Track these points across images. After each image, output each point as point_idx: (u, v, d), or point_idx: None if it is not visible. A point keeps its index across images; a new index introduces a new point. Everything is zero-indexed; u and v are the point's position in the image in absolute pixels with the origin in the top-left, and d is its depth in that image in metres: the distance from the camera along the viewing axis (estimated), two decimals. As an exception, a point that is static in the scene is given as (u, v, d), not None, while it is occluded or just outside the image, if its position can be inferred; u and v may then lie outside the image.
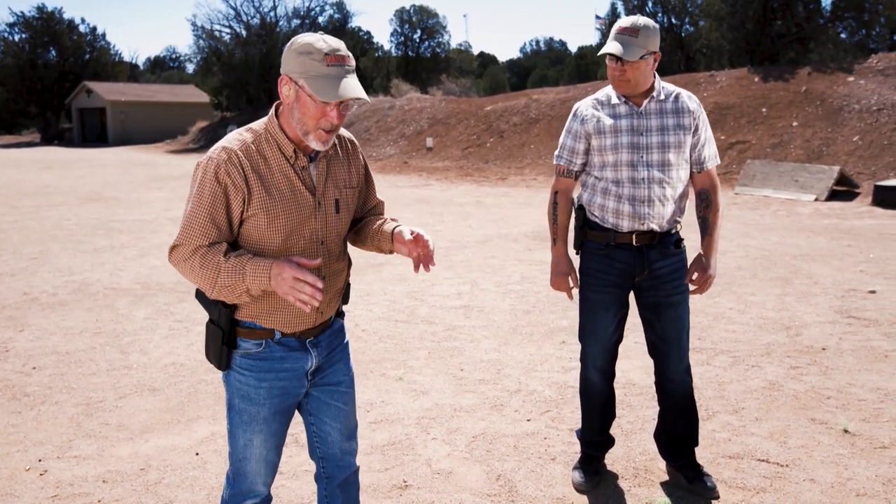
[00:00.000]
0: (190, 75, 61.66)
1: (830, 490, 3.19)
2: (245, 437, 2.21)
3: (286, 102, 2.05)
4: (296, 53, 1.99)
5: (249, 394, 2.17)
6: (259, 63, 40.08)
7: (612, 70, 2.96)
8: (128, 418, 4.11)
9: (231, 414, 2.22)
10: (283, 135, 2.08)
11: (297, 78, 1.99)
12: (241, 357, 2.16)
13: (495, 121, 22.49)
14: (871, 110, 14.65)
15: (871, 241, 9.10)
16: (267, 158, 2.08)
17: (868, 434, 3.74)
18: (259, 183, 2.04)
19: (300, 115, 2.02)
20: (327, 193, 2.16)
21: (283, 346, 2.17)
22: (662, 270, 3.07)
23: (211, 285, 2.01)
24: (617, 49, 2.87)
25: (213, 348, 2.16)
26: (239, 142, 2.08)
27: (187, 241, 2.02)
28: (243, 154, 2.05)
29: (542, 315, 6.10)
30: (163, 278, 7.65)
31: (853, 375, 4.57)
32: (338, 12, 43.71)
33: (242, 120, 37.35)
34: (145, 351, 5.27)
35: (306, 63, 1.97)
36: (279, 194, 2.07)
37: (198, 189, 2.04)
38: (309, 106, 1.99)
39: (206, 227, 2.02)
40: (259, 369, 2.16)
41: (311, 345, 2.22)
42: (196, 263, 2.01)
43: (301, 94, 1.99)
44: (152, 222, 11.87)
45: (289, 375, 2.19)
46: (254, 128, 2.13)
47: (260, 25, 41.41)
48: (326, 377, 2.29)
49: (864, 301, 6.27)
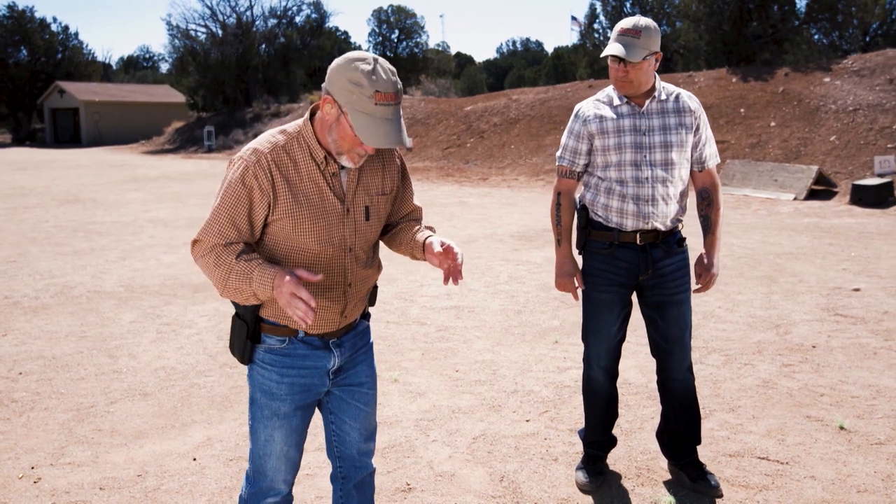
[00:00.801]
0: (164, 75, 60.99)
1: (832, 487, 3.21)
2: (266, 433, 2.20)
3: (325, 119, 2.02)
4: (346, 81, 1.92)
5: (271, 388, 2.17)
6: (235, 63, 39.75)
7: (616, 71, 2.96)
8: (120, 424, 4.04)
9: (253, 409, 2.22)
10: (315, 141, 2.06)
11: (343, 105, 1.95)
12: (265, 352, 2.17)
13: (475, 121, 22.50)
14: (847, 110, 14.87)
15: (852, 240, 9.22)
16: (297, 163, 2.06)
17: (864, 431, 3.78)
18: (286, 188, 2.03)
19: (337, 138, 2.01)
20: (357, 200, 2.14)
21: (307, 344, 2.17)
22: (666, 269, 3.08)
23: (222, 285, 2.02)
24: (619, 51, 2.88)
25: (238, 342, 2.17)
26: (270, 144, 2.06)
27: (206, 238, 2.03)
28: (273, 157, 2.04)
29: (534, 315, 6.10)
30: (147, 281, 7.54)
31: (844, 373, 4.62)
32: (315, 12, 43.44)
33: (219, 120, 37.01)
34: (134, 355, 5.19)
35: (354, 95, 1.92)
36: (306, 200, 2.06)
37: (224, 189, 2.05)
38: (347, 133, 1.97)
39: (225, 227, 2.02)
40: (282, 365, 2.16)
41: (335, 345, 2.21)
42: (211, 262, 2.02)
43: (342, 119, 1.97)
44: (131, 224, 11.71)
45: (310, 373, 2.19)
46: (287, 130, 2.11)
47: (236, 25, 41.03)
48: (349, 377, 2.28)
49: (850, 299, 6.35)
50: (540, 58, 71.71)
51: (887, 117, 14.13)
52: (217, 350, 5.26)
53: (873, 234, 9.61)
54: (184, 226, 11.46)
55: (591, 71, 28.00)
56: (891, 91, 14.77)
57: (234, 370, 4.84)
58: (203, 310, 6.39)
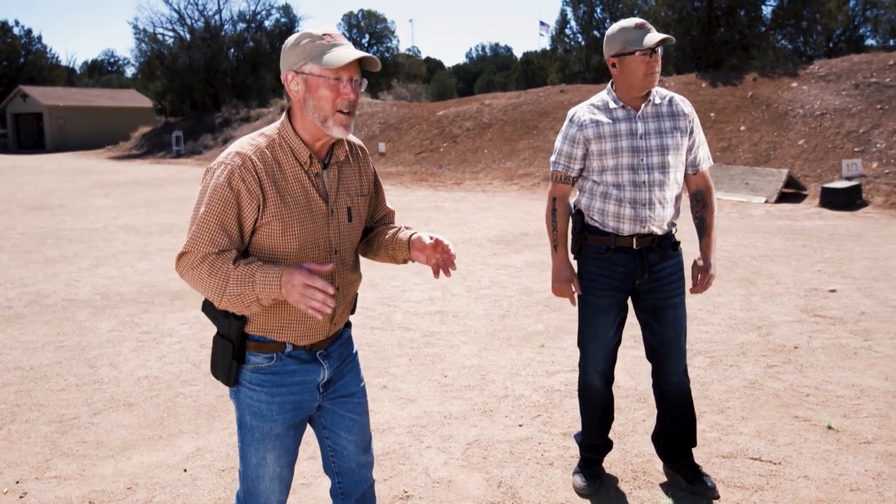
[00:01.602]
0: (130, 79, 60.15)
1: (825, 486, 3.25)
2: (258, 456, 2.13)
3: (297, 99, 2.00)
4: (293, 45, 1.99)
5: (261, 410, 2.09)
6: (204, 67, 39.34)
7: (647, 65, 2.88)
8: (105, 435, 3.95)
9: (242, 431, 2.15)
10: (297, 139, 2.03)
11: (302, 66, 1.96)
12: (251, 372, 2.09)
13: (448, 125, 22.52)
14: (814, 115, 15.15)
15: (824, 242, 9.39)
16: (281, 164, 2.02)
17: (851, 430, 3.84)
18: (274, 189, 1.98)
19: (315, 103, 1.97)
20: (340, 201, 2.11)
21: (295, 359, 2.10)
22: (662, 273, 3.10)
23: (219, 294, 1.93)
24: (661, 36, 2.84)
25: (222, 363, 2.08)
26: (253, 146, 2.02)
27: (196, 249, 1.94)
28: (258, 159, 1.99)
29: (518, 319, 6.11)
30: (123, 288, 7.41)
31: (828, 373, 4.68)
32: (284, 16, 43.17)
33: (187, 125, 36.58)
34: (115, 364, 5.08)
35: (307, 48, 1.96)
36: (294, 201, 2.01)
37: (209, 195, 1.96)
38: (322, 89, 1.95)
39: (216, 234, 1.94)
40: (271, 384, 2.09)
41: (322, 356, 2.15)
42: (204, 272, 1.93)
43: (311, 79, 1.96)
44: (102, 230, 11.50)
45: (301, 389, 2.13)
46: (266, 133, 2.07)
47: (204, 29, 40.62)
48: (338, 389, 2.23)
49: (827, 300, 6.46)
50: (509, 63, 72.07)
51: (853, 121, 14.43)
52: (200, 359, 5.17)
53: (844, 236, 9.80)
54: (157, 232, 11.29)
55: (563, 76, 28.21)
56: (856, 96, 15.08)
57: (220, 379, 4.76)
58: (183, 318, 6.29)
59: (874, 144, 13.59)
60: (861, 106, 14.71)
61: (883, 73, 15.33)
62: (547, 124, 19.97)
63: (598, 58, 26.80)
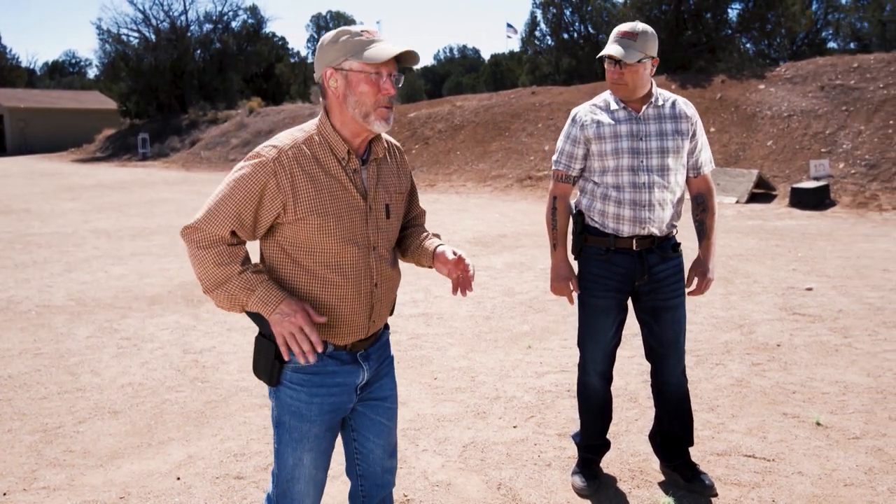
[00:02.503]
0: (92, 81, 59.12)
1: (819, 482, 3.30)
2: (295, 456, 2.11)
3: (336, 96, 2.00)
4: (332, 43, 1.99)
5: (301, 410, 2.09)
6: (170, 68, 38.81)
7: (611, 73, 2.99)
8: (92, 444, 3.86)
9: (280, 431, 2.13)
10: (336, 135, 2.03)
11: (342, 62, 1.97)
12: (292, 372, 2.08)
13: (419, 127, 22.49)
14: (782, 116, 15.43)
15: (796, 241, 9.56)
16: (319, 159, 2.01)
17: (839, 426, 3.90)
18: (310, 184, 1.98)
19: (356, 99, 1.97)
20: (378, 198, 2.11)
21: (336, 360, 2.10)
22: (661, 274, 3.12)
23: (213, 285, 1.95)
24: (617, 51, 2.90)
25: (264, 363, 2.07)
26: (291, 140, 2.02)
27: (206, 227, 1.95)
28: (294, 153, 1.99)
29: (503, 321, 6.11)
30: (98, 294, 7.26)
31: (811, 370, 4.76)
32: (252, 17, 42.77)
33: (153, 127, 36.05)
34: (96, 371, 4.97)
35: (347, 44, 1.97)
36: (331, 197, 2.00)
37: (235, 180, 1.97)
38: (363, 84, 1.96)
39: (230, 218, 1.95)
40: (311, 384, 2.08)
41: (363, 358, 2.15)
42: (210, 259, 1.94)
43: (351, 76, 1.97)
44: (73, 235, 11.28)
45: (340, 391, 2.12)
46: (305, 128, 2.07)
47: (170, 30, 40.08)
48: (374, 392, 2.22)
49: (804, 298, 6.57)
50: (477, 65, 72.24)
51: (820, 123, 14.72)
52: (185, 364, 5.09)
53: (815, 236, 9.98)
54: (128, 236, 11.10)
55: (533, 78, 28.35)
56: (822, 98, 15.39)
57: (207, 384, 4.69)
58: (163, 323, 6.19)
59: (840, 145, 13.88)
60: (827, 107, 15.02)
61: (847, 75, 15.67)
62: (519, 126, 20.05)
63: (568, 60, 27.01)
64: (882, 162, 13.01)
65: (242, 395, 4.52)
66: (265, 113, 31.33)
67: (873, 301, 6.38)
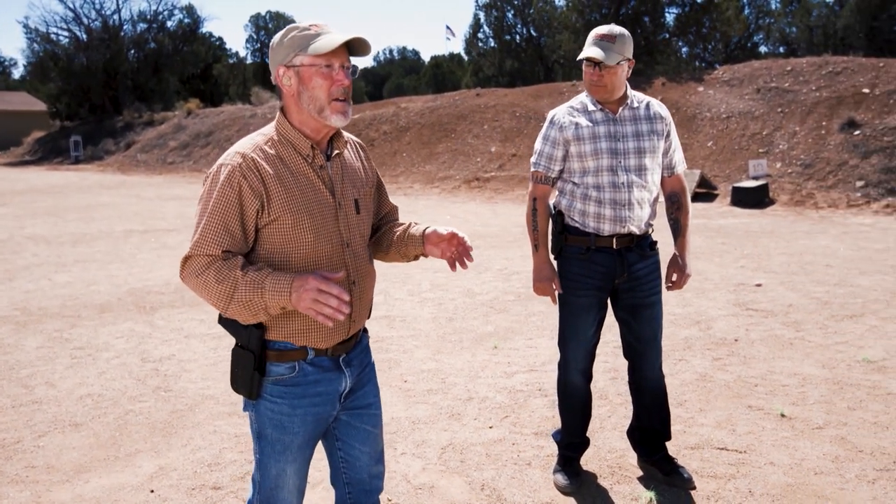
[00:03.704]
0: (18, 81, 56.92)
1: (791, 471, 3.41)
2: (278, 467, 2.07)
3: (290, 94, 1.98)
4: (280, 40, 1.97)
5: (283, 422, 2.04)
6: (102, 69, 37.68)
7: (590, 75, 3.03)
8: (55, 459, 3.71)
9: (262, 444, 2.07)
10: (296, 132, 2.00)
11: (292, 59, 1.94)
12: (273, 384, 2.03)
13: (364, 129, 22.37)
14: (721, 118, 15.89)
15: (741, 239, 9.85)
16: (283, 159, 1.98)
17: (802, 417, 4.04)
18: (279, 184, 1.94)
19: (310, 95, 1.95)
20: (346, 193, 2.08)
21: (317, 368, 2.05)
22: (640, 272, 3.17)
23: (226, 301, 1.87)
24: (598, 53, 2.94)
25: (243, 375, 2.01)
26: (252, 145, 1.98)
27: (200, 251, 1.89)
28: (259, 156, 1.95)
29: (466, 322, 6.12)
30: (44, 303, 6.99)
31: (770, 363, 4.91)
32: (188, 17, 41.86)
33: (86, 129, 34.93)
34: (51, 383, 4.78)
35: (295, 40, 1.95)
36: (301, 195, 1.97)
37: (213, 197, 1.92)
38: (315, 79, 1.94)
39: (219, 234, 1.90)
40: (292, 395, 2.03)
41: (345, 363, 2.11)
42: (210, 278, 1.87)
43: (303, 71, 1.94)
44: (9, 241, 10.84)
45: (322, 400, 2.07)
46: (263, 132, 2.04)
47: (102, 29, 38.92)
48: (357, 399, 2.18)
49: (755, 294, 6.78)
50: (418, 66, 72.31)
51: (757, 124, 15.22)
52: (145, 373, 4.94)
53: (758, 233, 10.31)
54: (69, 242, 10.72)
55: (477, 79, 28.52)
56: (758, 100, 15.92)
57: (170, 394, 4.57)
58: (116, 331, 5.99)
59: (777, 146, 14.38)
60: (763, 109, 15.54)
61: (781, 78, 16.25)
62: (465, 127, 20.14)
63: (510, 62, 27.26)
64: (816, 162, 13.53)
65: (209, 403, 4.41)
66: (204, 115, 30.71)
67: (820, 296, 6.62)
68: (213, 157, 26.22)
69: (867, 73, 15.21)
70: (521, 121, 19.04)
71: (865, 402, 4.19)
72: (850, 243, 9.37)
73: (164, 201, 17.00)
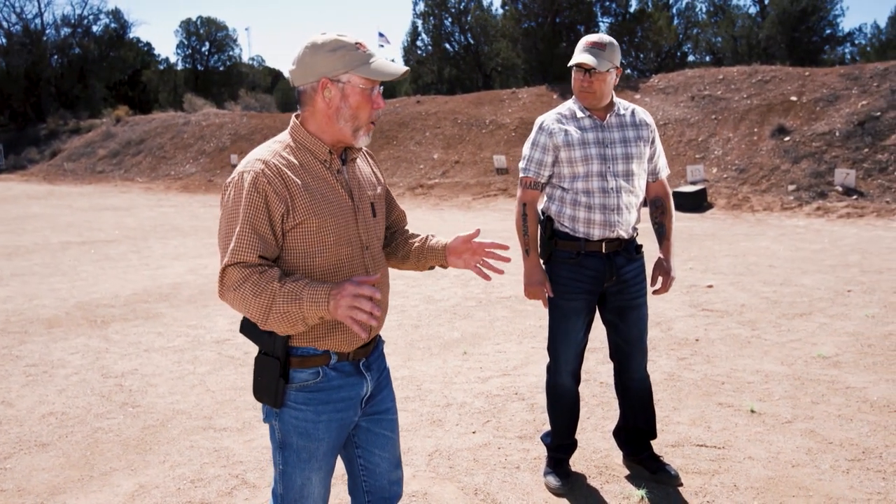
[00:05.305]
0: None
1: (770, 465, 3.53)
2: (303, 476, 2.06)
3: (330, 106, 1.97)
4: (329, 52, 1.95)
5: (308, 430, 2.03)
6: (24, 75, 36.22)
7: (580, 81, 3.08)
8: (25, 481, 3.55)
9: (286, 453, 2.05)
10: (314, 139, 2.00)
11: (340, 75, 1.94)
12: (296, 391, 2.01)
13: (305, 136, 22.12)
14: (658, 125, 16.34)
15: (685, 242, 10.15)
16: (302, 164, 1.99)
17: (771, 412, 4.19)
18: (302, 188, 1.95)
19: (352, 113, 1.96)
20: (363, 197, 2.10)
21: (340, 373, 2.05)
22: (628, 275, 3.25)
23: (265, 314, 1.86)
24: (590, 60, 3.00)
25: (268, 383, 1.99)
26: (271, 151, 1.99)
27: (237, 259, 1.88)
28: (281, 162, 1.96)
29: (432, 328, 6.13)
30: (-14, 318, 6.67)
31: (732, 361, 5.08)
32: (114, 21, 40.62)
33: (7, 138, 33.48)
34: (9, 402, 4.57)
35: (346, 56, 1.94)
36: (323, 198, 1.98)
37: (237, 204, 1.91)
38: (359, 98, 1.95)
39: (253, 241, 1.89)
40: (317, 402, 2.02)
41: (364, 367, 2.12)
42: (248, 292, 1.86)
43: (348, 89, 1.95)
44: (-64, 255, 10.29)
45: (346, 405, 2.07)
46: (279, 139, 2.05)
47: (23, 33, 37.42)
48: (375, 405, 2.19)
49: (708, 295, 7.00)
50: (352, 73, 71.82)
51: (693, 130, 15.72)
52: (108, 390, 4.77)
53: (700, 236, 10.65)
54: (3, 254, 10.27)
55: (417, 87, 28.57)
56: (693, 107, 16.45)
57: (139, 409, 4.42)
58: (70, 346, 5.77)
59: (713, 151, 14.89)
60: (698, 116, 16.06)
61: (714, 86, 16.84)
62: (406, 134, 20.15)
63: (449, 69, 27.42)
64: (750, 167, 14.07)
65: (181, 417, 4.29)
66: (134, 122, 29.85)
67: (769, 295, 6.89)
68: (146, 165, 25.50)
69: (794, 81, 15.91)
70: (462, 128, 19.16)
71: (827, 396, 4.38)
72: (789, 244, 9.78)
73: (99, 211, 16.44)
